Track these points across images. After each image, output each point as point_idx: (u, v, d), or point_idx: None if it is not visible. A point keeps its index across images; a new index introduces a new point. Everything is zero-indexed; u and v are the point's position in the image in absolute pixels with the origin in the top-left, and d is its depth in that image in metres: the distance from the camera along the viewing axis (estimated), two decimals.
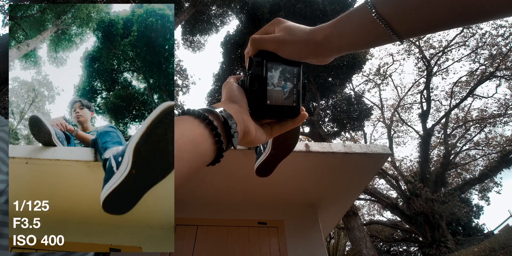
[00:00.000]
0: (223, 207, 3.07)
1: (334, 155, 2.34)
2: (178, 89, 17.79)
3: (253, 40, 0.50)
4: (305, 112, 0.53)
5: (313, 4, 13.52)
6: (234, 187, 2.82)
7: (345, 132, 15.28)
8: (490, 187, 18.42)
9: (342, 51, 0.46)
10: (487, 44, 15.38)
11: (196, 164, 0.37)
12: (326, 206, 3.26)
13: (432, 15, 0.36)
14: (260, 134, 0.49)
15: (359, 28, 0.42)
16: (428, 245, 12.08)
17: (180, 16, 13.68)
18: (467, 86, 16.62)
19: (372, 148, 2.41)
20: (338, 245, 7.10)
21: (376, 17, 0.39)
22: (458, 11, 0.34)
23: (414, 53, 17.36)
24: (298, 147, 2.29)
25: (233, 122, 0.42)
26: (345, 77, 14.50)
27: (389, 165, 18.64)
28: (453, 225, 19.59)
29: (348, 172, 2.61)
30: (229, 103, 0.47)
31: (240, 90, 0.50)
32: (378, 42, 0.42)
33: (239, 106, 0.47)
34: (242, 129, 0.45)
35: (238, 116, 0.45)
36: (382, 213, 21.65)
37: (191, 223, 2.91)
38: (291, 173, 2.56)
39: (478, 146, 17.05)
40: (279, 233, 2.91)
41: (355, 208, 10.85)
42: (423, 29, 0.38)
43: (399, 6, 0.38)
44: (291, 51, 0.48)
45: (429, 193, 12.65)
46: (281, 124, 0.53)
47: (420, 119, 16.84)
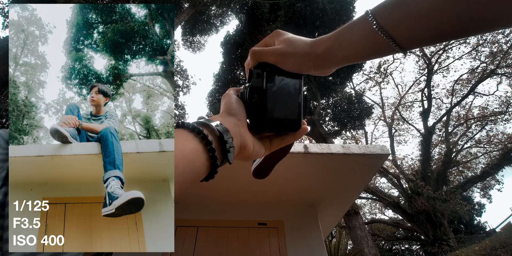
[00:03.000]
0: (223, 208, 3.08)
1: (332, 156, 2.35)
2: (178, 90, 17.81)
3: (253, 52, 0.49)
4: (306, 126, 0.51)
5: (313, 3, 13.52)
6: (234, 188, 2.83)
7: (346, 131, 15.27)
8: (491, 185, 18.40)
9: (343, 63, 0.45)
10: (488, 42, 15.36)
11: (189, 180, 0.36)
12: (326, 206, 3.26)
13: (437, 26, 0.35)
14: (259, 148, 0.48)
15: (360, 40, 0.41)
16: (430, 244, 12.07)
17: (180, 17, 13.69)
18: (468, 84, 16.59)
19: (371, 148, 2.41)
20: (339, 244, 7.12)
21: (377, 29, 0.38)
22: (465, 23, 0.33)
23: (415, 51, 17.33)
24: (297, 149, 2.31)
25: (229, 137, 0.40)
26: (346, 76, 14.50)
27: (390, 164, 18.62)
28: (455, 223, 19.56)
29: (347, 173, 2.62)
30: (227, 116, 0.45)
31: (239, 102, 0.48)
32: (380, 53, 0.41)
33: (237, 119, 0.45)
34: (239, 144, 0.44)
35: (235, 130, 0.43)
36: (383, 211, 21.64)
37: (191, 225, 2.91)
38: (290, 174, 2.56)
39: (479, 144, 17.03)
40: (279, 233, 2.91)
41: (356, 207, 10.85)
42: (427, 40, 0.37)
43: (401, 17, 0.37)
44: (292, 63, 0.47)
45: (430, 191, 12.64)
46: (281, 137, 0.51)
47: (421, 117, 16.83)
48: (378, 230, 19.54)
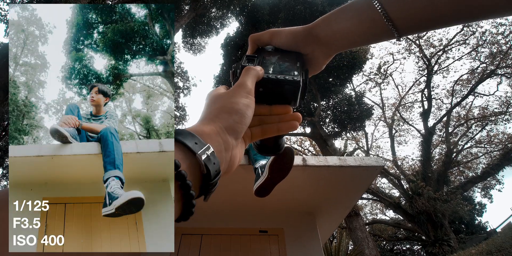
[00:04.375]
0: (226, 217, 3.16)
1: (329, 168, 2.48)
2: (179, 91, 17.83)
3: (250, 37, 0.50)
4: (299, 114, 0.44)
5: (313, 5, 13.53)
6: (236, 197, 2.91)
7: (346, 133, 15.25)
8: (492, 185, 18.37)
9: (337, 38, 0.44)
10: (487, 42, 15.36)
11: None
12: (324, 214, 3.35)
13: (436, 12, 0.36)
14: (242, 153, 0.41)
15: (357, 13, 0.42)
16: (431, 244, 12.04)
17: (181, 21, 13.69)
18: (468, 84, 16.59)
19: (366, 160, 2.53)
20: (340, 245, 7.10)
21: (380, 10, 0.39)
22: (462, 10, 0.35)
23: (414, 52, 17.35)
24: (296, 162, 2.41)
25: (217, 172, 0.33)
26: (346, 77, 14.49)
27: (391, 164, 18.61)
28: (456, 223, 19.54)
29: (344, 184, 2.75)
30: (206, 124, 0.36)
31: (220, 97, 0.40)
32: (375, 32, 0.42)
33: (217, 126, 0.36)
34: (227, 166, 0.37)
35: (219, 145, 0.35)
36: (385, 212, 21.61)
37: (196, 233, 2.99)
38: (290, 185, 2.64)
39: (480, 144, 17.01)
40: (279, 240, 3.00)
41: (357, 208, 10.84)
42: (424, 26, 0.39)
43: (404, 3, 0.38)
44: (286, 36, 0.47)
45: (431, 192, 12.61)
46: (262, 126, 0.43)
47: (421, 117, 16.82)
48: (379, 230, 19.50)
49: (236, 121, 0.37)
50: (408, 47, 17.47)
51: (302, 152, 21.34)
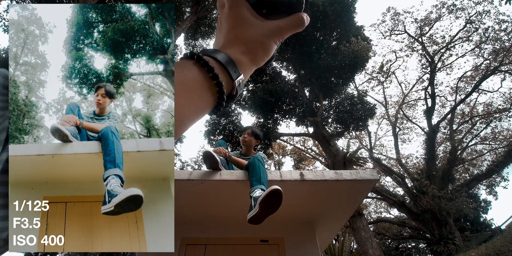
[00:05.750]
0: (228, 226, 3.24)
1: (326, 182, 2.59)
2: None
3: None
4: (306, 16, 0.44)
5: (314, 5, 13.50)
6: (238, 207, 2.97)
7: (349, 132, 15.18)
8: (497, 182, 18.25)
9: None
10: (491, 39, 15.27)
11: (194, 113, 0.33)
12: (323, 223, 3.47)
13: None
14: None
15: None
16: (436, 242, 11.98)
17: (182, 25, 13.70)
18: (472, 81, 16.49)
19: (361, 174, 2.64)
20: (343, 245, 7.09)
21: None
22: None
23: (417, 50, 17.26)
24: (294, 176, 2.58)
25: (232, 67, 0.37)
26: (348, 76, 14.44)
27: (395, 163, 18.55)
28: (461, 221, 19.38)
29: (341, 196, 2.87)
30: (241, 53, 0.39)
31: (252, 27, 0.41)
32: None
33: (248, 58, 0.40)
34: None
35: (246, 76, 0.41)
36: (389, 210, 21.52)
37: (200, 243, 3.09)
38: (289, 197, 2.76)
39: (484, 141, 16.91)
40: (280, 250, 3.09)
41: (360, 208, 10.81)
42: None
43: None
44: None
45: (435, 190, 12.54)
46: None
47: (425, 115, 16.74)
48: (384, 229, 19.43)
49: (263, 59, 0.42)
50: (411, 44, 17.40)
51: (305, 152, 21.33)
